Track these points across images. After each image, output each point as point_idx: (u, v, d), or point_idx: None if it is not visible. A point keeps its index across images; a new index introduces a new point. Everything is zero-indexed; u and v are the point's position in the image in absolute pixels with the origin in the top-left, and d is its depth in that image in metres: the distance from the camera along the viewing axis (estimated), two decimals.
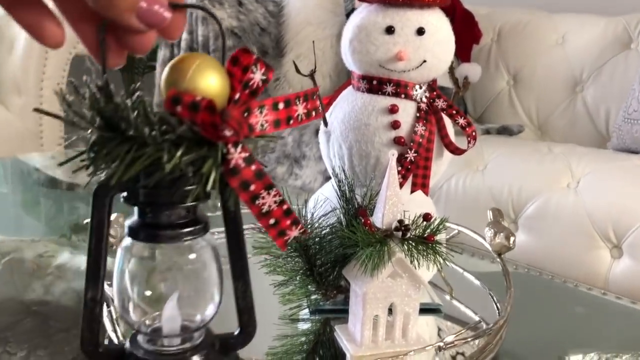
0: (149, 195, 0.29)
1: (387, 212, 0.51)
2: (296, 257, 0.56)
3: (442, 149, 0.60)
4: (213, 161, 0.27)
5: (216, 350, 0.35)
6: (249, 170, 0.28)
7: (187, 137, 0.27)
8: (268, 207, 0.29)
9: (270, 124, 0.29)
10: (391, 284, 0.52)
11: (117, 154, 0.27)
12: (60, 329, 0.63)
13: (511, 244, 0.63)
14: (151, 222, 0.30)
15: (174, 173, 0.27)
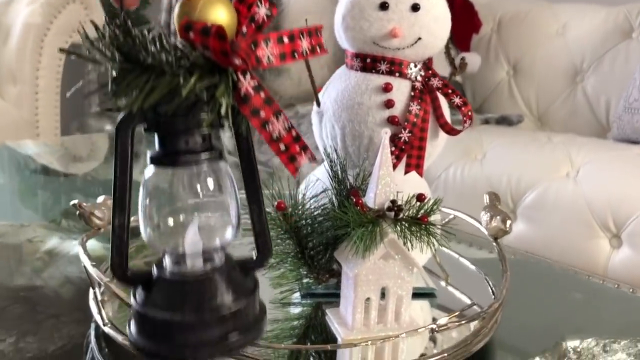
0: (168, 123, 0.31)
1: (379, 192, 0.50)
2: (287, 240, 0.55)
3: (438, 130, 0.59)
4: (225, 87, 0.29)
5: (237, 272, 0.37)
6: (258, 98, 0.30)
7: (200, 65, 0.29)
8: (278, 133, 0.32)
9: (276, 57, 0.31)
10: (383, 265, 0.50)
11: (137, 84, 0.29)
12: (49, 315, 0.62)
13: (508, 228, 0.61)
14: (170, 148, 0.32)
15: (190, 99, 0.28)
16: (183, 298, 0.33)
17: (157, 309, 0.33)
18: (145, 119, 0.32)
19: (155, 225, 0.34)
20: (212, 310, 0.33)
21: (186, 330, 0.32)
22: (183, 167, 0.33)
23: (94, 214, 0.61)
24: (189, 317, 0.32)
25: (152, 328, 0.33)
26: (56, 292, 0.67)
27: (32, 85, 2.13)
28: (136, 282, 0.35)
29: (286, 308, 0.59)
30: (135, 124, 0.32)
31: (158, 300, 0.33)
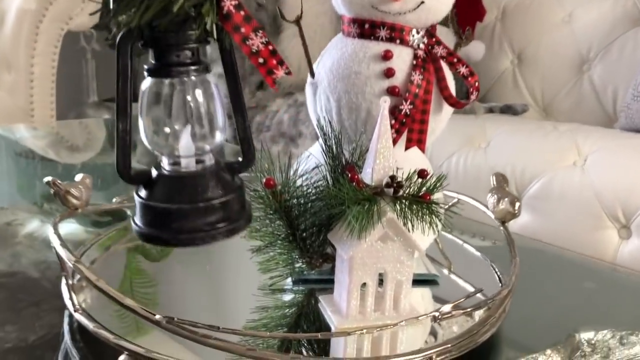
0: (161, 39, 0.36)
1: (377, 167, 0.45)
2: (277, 220, 0.50)
3: (441, 102, 0.54)
4: (210, 5, 0.33)
5: (225, 172, 0.43)
6: (239, 15, 0.35)
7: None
8: (256, 47, 0.36)
9: None
10: (381, 248, 0.46)
11: (134, 3, 0.33)
12: (30, 303, 0.58)
13: (516, 210, 0.57)
14: (164, 61, 0.37)
15: (180, 16, 0.33)
16: (179, 191, 0.39)
17: (157, 201, 0.39)
18: (142, 36, 0.36)
19: (154, 131, 0.40)
20: (203, 200, 0.39)
21: (182, 217, 0.39)
22: (175, 77, 0.38)
23: (71, 192, 0.56)
24: (184, 206, 0.39)
25: (154, 217, 0.40)
26: (36, 278, 0.63)
27: (27, 73, 2.09)
28: (139, 181, 0.41)
29: (276, 295, 0.55)
30: (134, 41, 0.36)
31: (158, 194, 0.39)
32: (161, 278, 0.60)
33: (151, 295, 0.61)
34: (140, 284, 0.63)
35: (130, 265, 0.64)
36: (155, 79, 0.38)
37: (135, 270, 0.64)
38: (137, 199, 0.40)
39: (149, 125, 0.40)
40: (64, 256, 0.45)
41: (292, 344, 0.48)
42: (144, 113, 0.39)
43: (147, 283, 0.63)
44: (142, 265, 0.64)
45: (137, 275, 0.64)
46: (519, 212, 0.58)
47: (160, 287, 0.60)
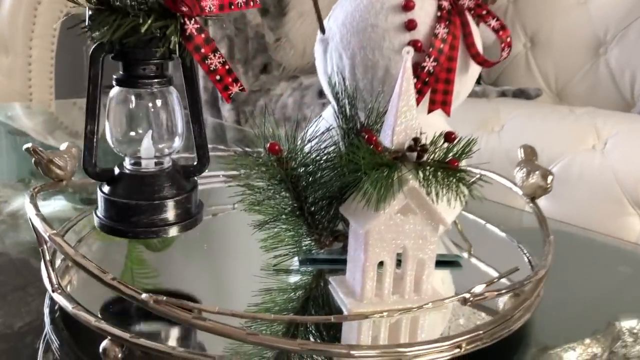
0: (130, 53, 0.41)
1: (398, 128, 0.39)
2: (282, 192, 0.44)
3: (468, 61, 0.48)
4: (174, 28, 0.38)
5: (180, 174, 0.47)
6: (200, 37, 0.40)
7: (156, 9, 0.38)
8: (214, 65, 0.40)
9: (216, 7, 0.40)
10: (401, 221, 0.40)
11: (107, 22, 0.37)
12: (15, 287, 0.53)
13: (549, 184, 0.51)
14: (131, 73, 0.42)
15: (147, 36, 0.38)
16: (138, 189, 0.44)
17: (118, 196, 0.43)
18: (112, 49, 0.41)
19: (118, 134, 0.44)
20: (159, 198, 0.43)
21: (139, 212, 0.43)
22: (140, 88, 0.43)
23: (54, 162, 0.51)
24: (141, 202, 0.43)
25: (114, 211, 0.44)
26: (22, 259, 0.59)
27: (25, 56, 2.03)
28: (103, 178, 0.45)
29: (281, 276, 0.49)
30: (105, 53, 0.41)
31: (119, 190, 0.44)
32: (163, 268, 0.57)
33: (153, 285, 0.57)
34: (142, 275, 0.59)
35: (131, 255, 0.60)
36: (123, 88, 0.43)
37: (136, 260, 0.60)
38: (100, 193, 0.44)
39: (115, 128, 0.44)
40: (40, 227, 0.40)
41: (299, 330, 0.43)
42: (111, 117, 0.44)
43: (149, 273, 0.60)
44: (143, 255, 0.60)
45: (138, 266, 0.60)
46: (552, 187, 0.52)
47: (163, 277, 0.56)
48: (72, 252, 0.35)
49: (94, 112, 0.42)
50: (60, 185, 0.52)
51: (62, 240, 0.37)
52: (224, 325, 0.32)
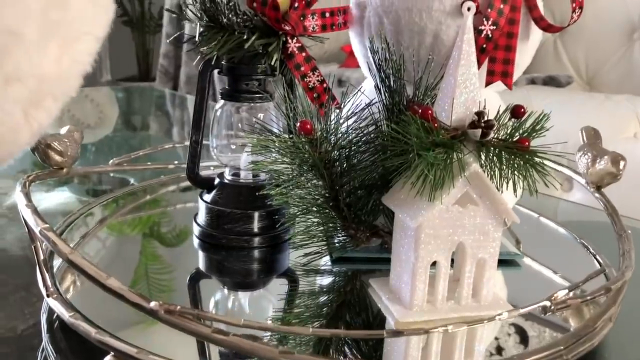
0: (235, 69, 0.43)
1: (458, 100, 0.32)
2: (314, 179, 0.38)
3: (529, 27, 0.41)
4: (276, 45, 0.41)
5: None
6: (300, 56, 0.42)
7: (260, 27, 0.41)
8: (313, 83, 0.43)
9: (319, 27, 0.43)
10: (460, 214, 0.34)
11: (215, 38, 0.41)
12: (17, 287, 0.48)
13: (621, 170, 0.44)
14: (235, 88, 0.44)
15: (251, 52, 0.41)
16: (235, 198, 0.44)
17: (215, 204, 0.44)
18: (219, 64, 0.43)
19: (221, 145, 0.46)
20: (253, 208, 0.44)
21: (233, 221, 0.43)
22: (243, 102, 0.44)
23: (52, 147, 0.44)
24: (236, 211, 0.44)
25: (210, 218, 0.44)
26: (24, 257, 0.53)
27: None
28: (204, 185, 0.46)
29: (312, 277, 0.43)
30: (212, 68, 0.43)
31: (217, 198, 0.45)
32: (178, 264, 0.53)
33: (167, 281, 0.53)
34: (155, 270, 0.54)
35: (145, 250, 0.57)
36: (227, 102, 0.45)
37: (150, 255, 0.56)
38: (200, 200, 0.46)
39: (218, 139, 0.46)
40: (31, 222, 0.33)
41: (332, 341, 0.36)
42: (215, 129, 0.45)
43: (163, 269, 0.55)
44: (157, 251, 0.57)
45: (152, 261, 0.56)
46: (622, 173, 0.45)
47: (177, 273, 0.52)
48: (66, 250, 0.29)
49: (198, 123, 0.44)
50: (60, 173, 0.46)
51: (55, 235, 0.31)
52: (250, 342, 0.26)
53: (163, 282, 0.53)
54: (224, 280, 0.44)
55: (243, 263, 0.44)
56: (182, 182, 0.61)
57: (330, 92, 0.43)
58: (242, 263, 0.44)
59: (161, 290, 0.51)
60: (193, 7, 0.41)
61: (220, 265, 0.45)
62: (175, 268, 0.55)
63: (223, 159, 0.46)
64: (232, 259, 0.44)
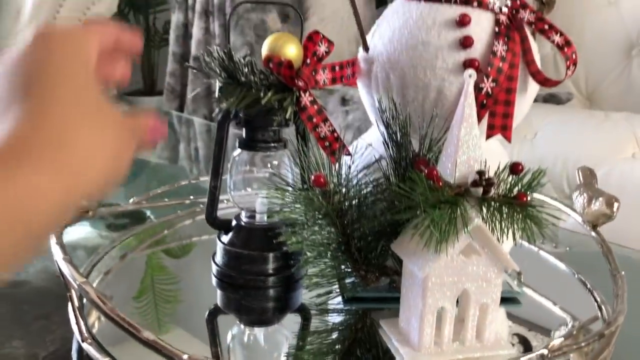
0: (251, 121, 0.46)
1: (460, 159, 0.35)
2: (327, 226, 0.41)
3: (527, 81, 0.44)
4: (290, 100, 0.43)
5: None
6: (312, 109, 0.44)
7: (275, 84, 0.43)
8: (324, 133, 0.45)
9: (329, 80, 0.45)
10: (464, 263, 0.36)
11: (234, 93, 0.43)
12: (38, 316, 0.52)
13: (614, 212, 0.47)
14: (252, 138, 0.46)
15: (267, 106, 0.43)
16: (251, 240, 0.47)
17: (233, 246, 0.47)
18: (237, 117, 0.46)
19: (238, 189, 0.49)
20: (269, 250, 0.45)
21: (251, 262, 0.46)
22: (259, 151, 0.47)
23: None
24: (253, 252, 0.46)
25: (228, 259, 0.47)
26: (46, 287, 0.57)
27: None
28: (222, 227, 0.48)
29: (324, 316, 0.45)
30: (230, 120, 0.46)
31: (234, 240, 0.47)
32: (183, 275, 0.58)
33: (173, 292, 0.57)
34: (161, 281, 0.58)
35: (151, 261, 0.60)
36: (244, 150, 0.48)
37: (156, 266, 0.61)
38: (219, 242, 0.48)
39: (235, 184, 0.48)
40: (68, 274, 0.36)
41: None
42: (233, 175, 0.48)
43: (169, 280, 0.60)
44: (163, 262, 0.60)
45: (158, 272, 0.60)
46: (616, 214, 0.48)
47: (182, 283, 0.57)
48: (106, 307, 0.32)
49: (217, 170, 0.47)
50: (87, 216, 0.49)
51: (92, 289, 0.33)
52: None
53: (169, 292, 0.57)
54: (241, 317, 0.47)
55: (259, 301, 0.46)
56: (197, 216, 0.64)
57: (341, 140, 0.45)
58: (258, 301, 0.46)
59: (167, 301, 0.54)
60: (213, 63, 0.44)
61: (238, 303, 0.47)
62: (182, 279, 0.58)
63: (240, 203, 0.48)
64: (249, 297, 0.46)
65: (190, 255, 0.61)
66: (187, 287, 0.56)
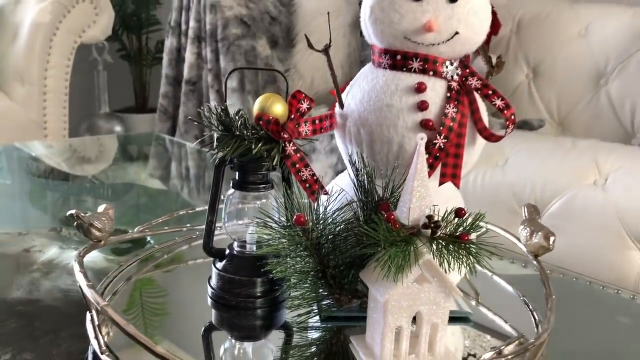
0: (244, 166, 0.53)
1: (413, 206, 0.44)
2: (307, 257, 0.49)
3: (475, 136, 0.52)
4: (277, 150, 0.50)
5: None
6: (296, 156, 0.52)
7: (264, 137, 0.51)
8: (305, 176, 0.53)
9: (310, 132, 0.54)
10: (417, 290, 0.44)
11: (229, 144, 0.50)
12: (47, 331, 0.57)
13: (551, 245, 0.55)
14: (244, 180, 0.54)
15: (257, 155, 0.50)
16: (242, 267, 0.54)
17: (226, 272, 0.54)
18: (232, 163, 0.53)
19: (231, 223, 0.56)
20: (258, 275, 0.52)
21: (242, 286, 0.53)
22: (250, 191, 0.54)
23: (94, 225, 0.55)
24: (243, 278, 0.53)
25: (222, 283, 0.54)
26: (54, 306, 0.63)
27: (40, 86, 2.08)
28: (217, 255, 0.55)
29: (304, 333, 0.53)
30: (225, 165, 0.53)
31: (228, 267, 0.54)
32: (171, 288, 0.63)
33: (161, 305, 0.62)
34: (149, 294, 0.64)
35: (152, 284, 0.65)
36: (237, 190, 0.55)
37: (144, 280, 0.65)
38: (214, 268, 0.54)
39: (229, 219, 0.55)
40: (91, 297, 0.44)
41: None
42: (226, 211, 0.55)
43: (157, 293, 0.64)
44: (151, 275, 0.65)
45: (146, 285, 0.65)
46: (553, 247, 0.56)
47: (171, 296, 0.62)
48: (123, 323, 0.39)
49: (213, 207, 0.54)
50: (99, 245, 0.56)
51: (113, 311, 0.41)
52: None
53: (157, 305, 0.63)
54: (233, 333, 0.55)
55: (248, 320, 0.54)
56: (193, 242, 0.71)
57: (320, 182, 0.53)
58: (247, 320, 0.54)
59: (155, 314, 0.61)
60: (212, 118, 0.51)
61: (230, 321, 0.54)
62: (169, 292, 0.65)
63: (232, 234, 0.56)
64: (239, 316, 0.54)
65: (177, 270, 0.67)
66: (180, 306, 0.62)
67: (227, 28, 1.88)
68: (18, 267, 0.72)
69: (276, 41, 2.00)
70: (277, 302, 0.53)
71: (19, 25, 2.10)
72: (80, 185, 1.15)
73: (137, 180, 1.20)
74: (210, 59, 1.89)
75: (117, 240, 0.60)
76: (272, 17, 2.00)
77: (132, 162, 1.40)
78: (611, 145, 1.43)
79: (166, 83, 2.02)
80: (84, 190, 1.12)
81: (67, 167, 1.30)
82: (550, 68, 1.82)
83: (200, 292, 0.56)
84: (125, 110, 3.15)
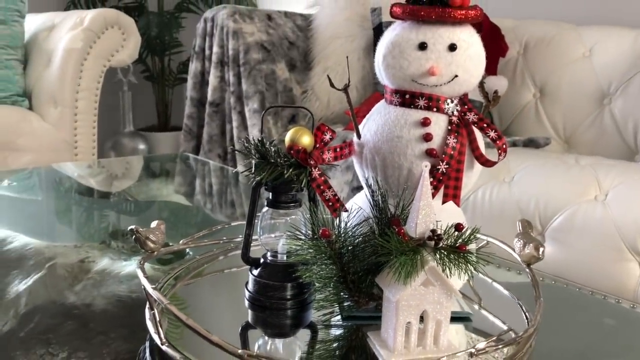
0: (276, 188, 0.62)
1: (420, 222, 0.53)
2: (330, 265, 0.58)
3: (473, 161, 0.62)
4: (304, 174, 0.59)
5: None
6: (320, 179, 0.60)
7: (294, 163, 0.59)
8: (329, 196, 0.61)
9: (332, 158, 0.62)
10: (424, 292, 0.54)
11: (265, 169, 0.60)
12: (99, 332, 0.65)
13: (540, 255, 0.64)
14: (276, 199, 0.62)
15: (288, 178, 0.59)
16: (275, 273, 0.62)
17: (261, 278, 0.62)
18: (266, 185, 0.62)
19: (265, 236, 0.64)
20: (289, 280, 0.61)
21: (275, 290, 0.61)
22: (281, 209, 0.63)
23: (150, 238, 0.65)
24: (276, 283, 0.61)
25: (258, 288, 0.62)
26: (106, 310, 0.71)
27: (72, 107, 2.20)
28: (253, 264, 0.64)
29: (328, 330, 0.63)
30: (261, 186, 0.62)
31: (263, 273, 0.62)
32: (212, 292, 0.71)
33: (204, 306, 0.69)
34: (194, 297, 0.71)
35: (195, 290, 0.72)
36: (270, 208, 0.63)
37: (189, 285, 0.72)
38: (250, 274, 0.63)
39: (263, 232, 0.64)
40: (156, 297, 0.54)
41: None
42: (262, 226, 0.64)
43: (200, 296, 0.71)
44: (194, 281, 0.72)
45: (191, 290, 0.72)
46: (543, 256, 0.65)
47: (212, 299, 0.69)
48: (184, 318, 0.49)
49: (250, 222, 0.64)
50: (153, 255, 0.66)
51: (175, 309, 0.51)
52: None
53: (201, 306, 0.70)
54: (266, 330, 0.64)
55: (280, 319, 0.61)
56: (230, 252, 0.81)
57: (341, 201, 0.61)
58: (279, 319, 0.61)
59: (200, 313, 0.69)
60: (250, 147, 0.61)
61: (264, 320, 0.62)
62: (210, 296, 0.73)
63: (266, 246, 0.64)
64: (272, 316, 0.61)
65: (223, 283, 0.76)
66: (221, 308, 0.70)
67: (249, 53, 1.99)
68: (75, 275, 0.81)
69: (294, 65, 2.11)
70: (305, 304, 0.62)
71: (52, 51, 2.24)
72: (119, 203, 1.26)
73: (169, 197, 1.30)
74: (232, 82, 2.00)
75: (167, 252, 0.69)
76: (291, 42, 2.11)
77: (163, 180, 1.51)
78: (613, 162, 1.49)
79: (191, 105, 2.14)
80: (123, 207, 1.23)
81: (106, 186, 1.42)
82: (556, 88, 1.90)
83: (237, 296, 0.65)
84: (148, 129, 3.28)
